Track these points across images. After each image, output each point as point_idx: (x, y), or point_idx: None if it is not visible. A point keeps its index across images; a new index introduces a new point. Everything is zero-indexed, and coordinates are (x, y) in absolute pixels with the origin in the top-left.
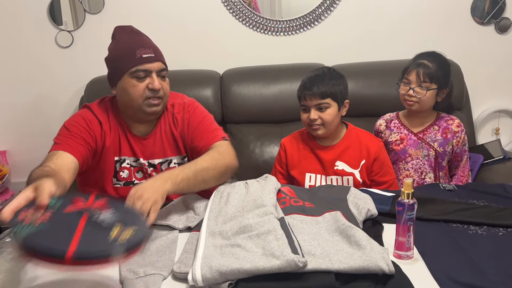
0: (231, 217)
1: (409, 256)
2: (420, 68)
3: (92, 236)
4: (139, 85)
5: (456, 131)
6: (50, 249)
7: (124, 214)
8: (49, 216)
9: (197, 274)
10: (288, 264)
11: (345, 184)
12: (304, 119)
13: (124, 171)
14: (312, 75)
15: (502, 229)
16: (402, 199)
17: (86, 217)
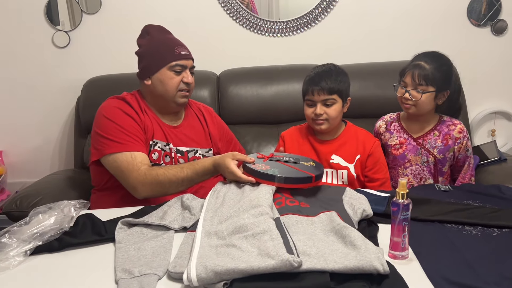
0: (227, 217)
1: (404, 256)
2: (416, 70)
3: (301, 167)
4: (176, 78)
5: (457, 137)
6: (303, 178)
7: (291, 156)
8: (265, 165)
9: (192, 274)
10: (283, 264)
11: (339, 177)
12: (309, 113)
13: (155, 154)
14: (319, 70)
15: (497, 230)
16: (397, 199)
17: (280, 161)
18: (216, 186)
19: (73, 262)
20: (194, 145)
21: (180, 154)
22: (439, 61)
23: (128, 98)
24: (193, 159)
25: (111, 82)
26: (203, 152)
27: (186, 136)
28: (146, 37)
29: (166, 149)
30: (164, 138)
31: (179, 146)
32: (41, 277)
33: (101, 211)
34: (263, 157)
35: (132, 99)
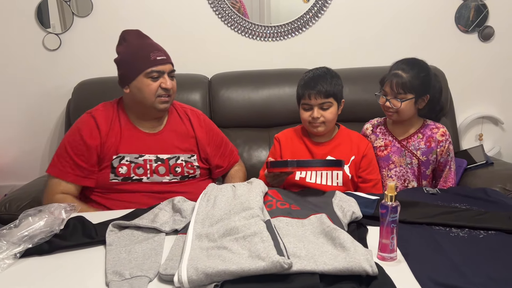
0: (218, 220)
1: (392, 258)
2: (394, 79)
3: None
4: (153, 84)
5: (440, 140)
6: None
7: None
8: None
9: (183, 275)
10: (273, 265)
11: (334, 178)
12: (306, 117)
13: (123, 168)
14: (314, 74)
15: (483, 232)
16: (386, 201)
17: None
18: (207, 188)
19: (64, 264)
20: (176, 151)
21: (160, 162)
22: (416, 68)
23: (100, 112)
24: (175, 166)
25: (102, 85)
26: (186, 158)
27: (167, 142)
28: (123, 43)
29: (138, 161)
30: (136, 150)
31: (159, 154)
32: (31, 280)
33: (91, 214)
34: None
35: (104, 113)
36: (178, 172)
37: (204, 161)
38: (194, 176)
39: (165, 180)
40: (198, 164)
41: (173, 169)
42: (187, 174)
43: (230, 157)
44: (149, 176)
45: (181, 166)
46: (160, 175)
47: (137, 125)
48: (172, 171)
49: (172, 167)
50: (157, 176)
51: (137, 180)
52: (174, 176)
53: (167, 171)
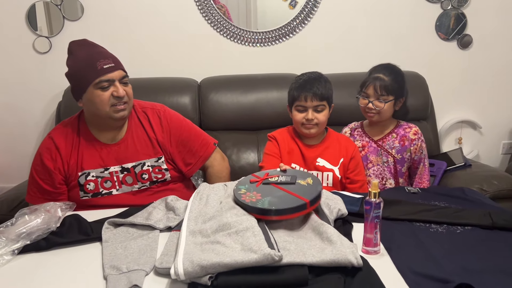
0: (211, 217)
1: (376, 252)
2: (377, 82)
3: (296, 190)
4: (104, 94)
5: (413, 138)
6: (297, 207)
7: (288, 174)
8: (257, 193)
9: (179, 268)
10: (265, 257)
11: (325, 179)
12: (299, 119)
13: (90, 184)
14: (309, 77)
15: (460, 228)
16: (370, 198)
17: (275, 184)
18: (199, 187)
19: (61, 260)
20: (141, 157)
21: (126, 172)
22: (394, 72)
23: (59, 132)
24: (141, 173)
25: None
26: (152, 162)
27: (130, 150)
28: (70, 56)
29: (104, 174)
30: (99, 165)
31: (124, 164)
32: (30, 275)
33: (86, 212)
34: (257, 181)
35: (64, 132)
36: (145, 179)
37: (171, 162)
38: (164, 179)
39: (135, 189)
40: (166, 166)
41: (140, 176)
42: (155, 179)
43: (200, 152)
44: (118, 187)
45: (147, 172)
46: (128, 185)
47: (98, 137)
48: (140, 179)
49: (138, 175)
50: (125, 186)
51: (107, 193)
52: (143, 183)
53: (134, 179)
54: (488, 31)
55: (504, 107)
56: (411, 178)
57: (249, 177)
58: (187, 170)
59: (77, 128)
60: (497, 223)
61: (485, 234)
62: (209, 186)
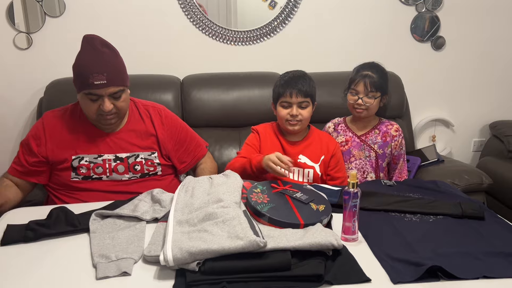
0: (197, 208)
1: (354, 239)
2: (367, 79)
3: (304, 212)
4: (92, 105)
5: (394, 135)
6: (289, 223)
7: (308, 194)
8: (268, 198)
9: (169, 255)
10: (250, 244)
11: (305, 175)
12: (284, 115)
13: (83, 168)
14: (294, 75)
15: (433, 217)
16: (348, 188)
17: (288, 196)
18: (185, 180)
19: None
20: (135, 149)
21: (119, 161)
22: (381, 70)
23: (51, 115)
24: (134, 164)
25: None
26: (145, 155)
27: (126, 141)
28: (80, 51)
29: (97, 161)
30: (95, 150)
31: (118, 153)
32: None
33: (73, 205)
34: (277, 188)
35: (57, 114)
36: (137, 170)
37: (166, 158)
38: (155, 173)
39: (125, 178)
40: (159, 161)
41: (132, 167)
42: (147, 171)
43: (195, 151)
44: (108, 174)
45: (140, 164)
46: (119, 174)
47: (96, 125)
48: (132, 169)
49: (131, 165)
50: (116, 174)
51: (97, 179)
52: (134, 174)
53: (126, 169)
54: (461, 34)
55: (475, 106)
56: (390, 173)
57: (272, 181)
58: (182, 168)
59: (76, 113)
60: (466, 212)
61: (455, 222)
62: (194, 179)
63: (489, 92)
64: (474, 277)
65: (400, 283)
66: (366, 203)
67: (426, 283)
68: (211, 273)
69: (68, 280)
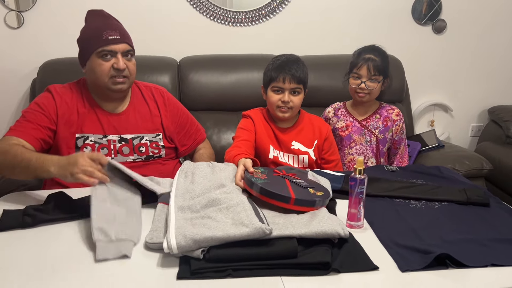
0: (199, 194)
1: (359, 226)
2: (370, 63)
3: (299, 191)
4: (105, 64)
5: (395, 119)
6: (280, 195)
7: (311, 183)
8: (266, 176)
9: (172, 242)
10: (256, 231)
11: (300, 161)
12: (275, 100)
13: (87, 148)
14: (288, 59)
15: (437, 203)
16: (355, 174)
17: (288, 180)
18: (183, 165)
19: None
20: (141, 131)
21: (124, 142)
22: (382, 53)
23: (57, 88)
24: (139, 146)
25: (69, 65)
26: (150, 137)
27: (131, 122)
28: (85, 24)
29: (102, 141)
30: (99, 130)
31: (123, 134)
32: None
33: (73, 190)
34: (278, 173)
35: (63, 88)
36: (142, 152)
37: (170, 140)
38: (159, 156)
39: (129, 160)
40: (163, 143)
41: (137, 148)
42: (152, 154)
43: (195, 135)
44: (113, 156)
45: (145, 145)
46: (124, 155)
47: (100, 105)
48: (137, 151)
49: (136, 147)
50: (121, 156)
51: None
52: (139, 156)
53: (131, 151)
54: (462, 16)
55: (474, 91)
56: (390, 157)
57: (289, 170)
58: (182, 150)
59: (80, 92)
60: (471, 198)
61: (460, 209)
62: (193, 164)
63: (489, 77)
64: (482, 265)
65: (408, 271)
66: (370, 189)
67: (434, 271)
68: (216, 260)
69: (67, 265)
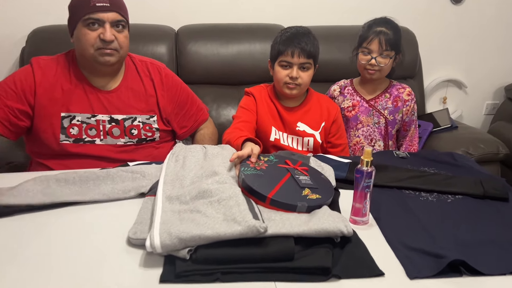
0: (190, 183)
1: (364, 222)
2: (382, 36)
3: (287, 190)
4: (91, 34)
5: (406, 99)
6: (256, 192)
7: (316, 182)
8: (266, 166)
9: (156, 240)
10: (249, 229)
11: (305, 144)
12: (283, 76)
13: (74, 128)
14: (298, 32)
15: (451, 196)
16: (361, 166)
17: (289, 175)
18: (175, 148)
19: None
20: (133, 111)
21: (115, 123)
22: (395, 27)
23: (40, 62)
24: (130, 128)
25: (59, 33)
26: (144, 119)
27: (123, 101)
28: None
29: (91, 121)
30: (87, 109)
31: (113, 114)
32: None
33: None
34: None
35: (47, 62)
36: (134, 135)
37: (166, 122)
38: (152, 139)
39: (120, 143)
40: (158, 126)
41: (129, 131)
42: (145, 137)
43: (196, 116)
44: (103, 138)
45: (137, 128)
46: (114, 137)
47: (90, 80)
48: (128, 134)
49: (127, 129)
50: (110, 138)
51: (89, 142)
52: (130, 139)
53: (122, 133)
54: None
55: (491, 66)
56: (399, 140)
57: (290, 156)
58: (182, 133)
59: (67, 65)
60: (488, 192)
61: (476, 203)
62: (185, 147)
63: (507, 52)
64: (501, 273)
65: (417, 278)
66: (377, 178)
67: (447, 279)
68: (203, 262)
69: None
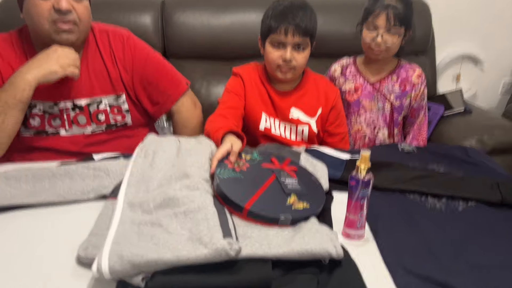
0: (157, 186)
1: (359, 236)
2: (390, 10)
3: (268, 199)
4: (42, 4)
5: (415, 83)
6: (232, 201)
7: (305, 186)
8: (247, 167)
9: (104, 264)
10: (217, 253)
11: (299, 133)
12: (275, 58)
13: (35, 118)
14: (292, 4)
15: (462, 203)
16: (357, 174)
17: (273, 178)
18: (145, 140)
19: None
20: (97, 93)
21: (79, 110)
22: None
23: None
24: (97, 113)
25: None
26: (111, 100)
27: (84, 84)
28: None
29: (54, 110)
30: (49, 96)
31: (76, 99)
32: None
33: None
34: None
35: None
36: (101, 121)
37: (137, 101)
38: (124, 124)
39: (87, 132)
40: (128, 107)
41: (95, 117)
42: (114, 121)
43: (169, 89)
44: (68, 128)
45: (105, 112)
46: (81, 126)
47: None
48: (94, 120)
49: (93, 115)
50: (77, 127)
51: (53, 133)
52: (98, 125)
53: (88, 120)
54: None
55: (510, 41)
56: (406, 127)
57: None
58: (154, 111)
59: (21, 45)
60: (506, 199)
61: (492, 213)
62: (156, 140)
63: None
64: None
65: None
66: (377, 181)
67: None
68: None
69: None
